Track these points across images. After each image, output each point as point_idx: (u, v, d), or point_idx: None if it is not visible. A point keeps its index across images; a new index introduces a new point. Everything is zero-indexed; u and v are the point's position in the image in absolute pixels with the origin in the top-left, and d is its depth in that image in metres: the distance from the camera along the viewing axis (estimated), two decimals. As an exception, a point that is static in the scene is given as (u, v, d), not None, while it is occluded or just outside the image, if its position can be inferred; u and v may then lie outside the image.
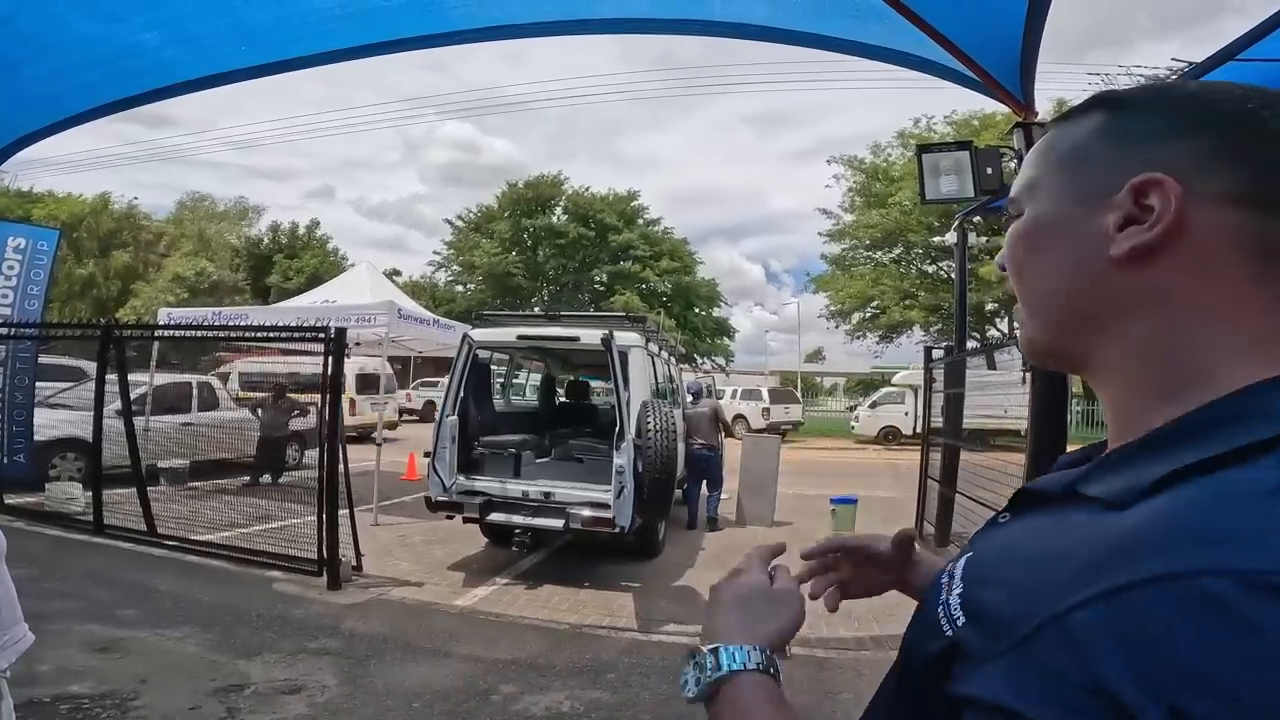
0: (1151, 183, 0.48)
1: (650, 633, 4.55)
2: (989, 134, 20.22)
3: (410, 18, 3.20)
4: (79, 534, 6.15)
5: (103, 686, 3.23)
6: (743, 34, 3.74)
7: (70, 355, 10.43)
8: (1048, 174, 0.55)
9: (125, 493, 6.31)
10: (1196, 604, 0.32)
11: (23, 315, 7.41)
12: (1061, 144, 0.55)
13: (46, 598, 4.23)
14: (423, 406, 22.86)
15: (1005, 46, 3.38)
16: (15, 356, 7.40)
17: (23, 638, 1.40)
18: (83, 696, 3.11)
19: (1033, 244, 0.56)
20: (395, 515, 7.65)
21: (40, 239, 7.79)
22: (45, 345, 8.35)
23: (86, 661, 3.49)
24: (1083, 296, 0.52)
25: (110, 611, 4.26)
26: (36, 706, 2.94)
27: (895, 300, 27.09)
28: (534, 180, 37.39)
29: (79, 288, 28.66)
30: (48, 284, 7.84)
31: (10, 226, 7.86)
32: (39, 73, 3.40)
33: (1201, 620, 0.32)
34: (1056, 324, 0.55)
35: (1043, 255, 0.55)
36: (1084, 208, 0.52)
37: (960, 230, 6.00)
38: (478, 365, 6.57)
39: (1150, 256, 0.48)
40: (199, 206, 36.81)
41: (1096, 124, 0.53)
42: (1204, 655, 0.32)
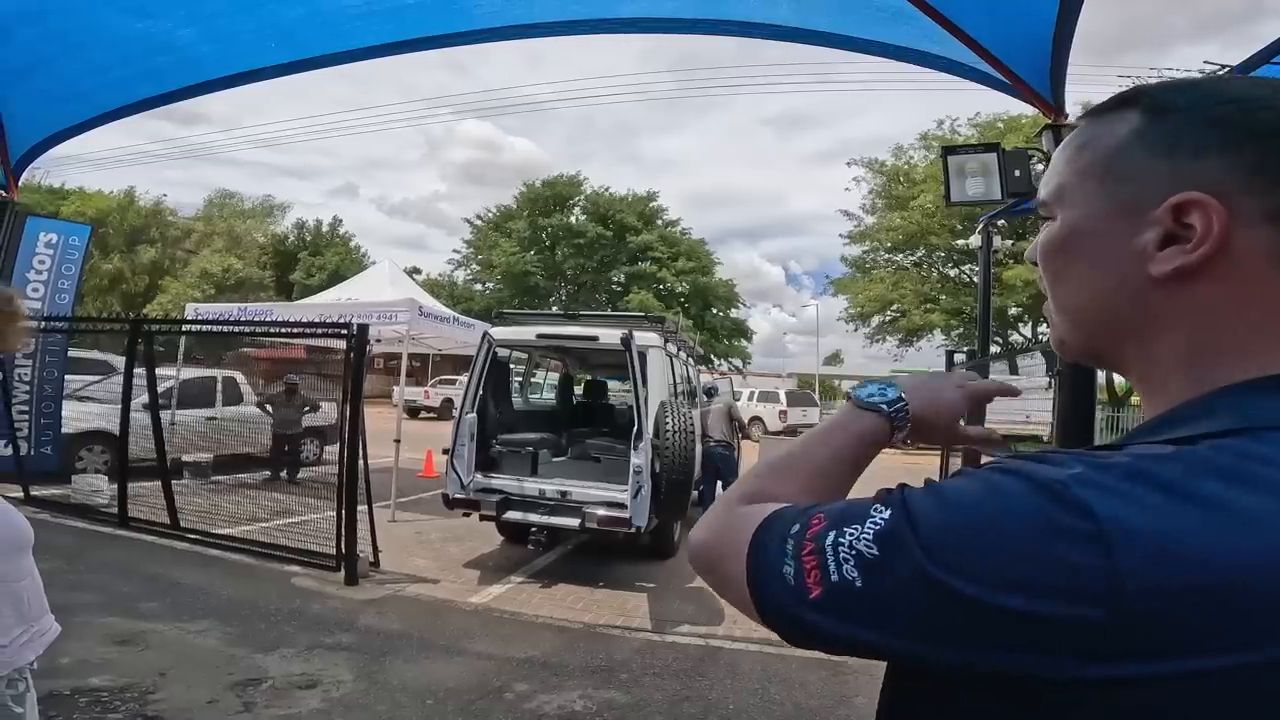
0: (1194, 203, 0.47)
1: (664, 633, 4.54)
2: (1014, 136, 19.94)
3: (434, 16, 3.22)
4: (104, 526, 6.24)
5: (123, 679, 3.27)
6: (767, 34, 3.72)
7: (99, 349, 10.64)
8: (1080, 178, 0.55)
9: (150, 486, 6.40)
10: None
11: (53, 309, 7.54)
12: (1093, 147, 0.54)
13: (70, 589, 4.30)
14: (441, 404, 23.03)
15: (1035, 48, 3.33)
16: (45, 349, 7.54)
17: (50, 630, 1.40)
18: (102, 689, 3.15)
19: (1066, 252, 0.55)
20: (413, 512, 7.71)
21: (72, 234, 7.92)
22: (75, 339, 8.51)
23: (107, 654, 3.54)
24: (1118, 307, 0.52)
25: (132, 604, 4.32)
26: (57, 699, 2.97)
27: (916, 303, 26.80)
28: (552, 180, 37.53)
29: (107, 283, 29.24)
30: (78, 279, 7.98)
31: (42, 222, 7.99)
32: (71, 70, 3.47)
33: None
34: (1089, 329, 0.56)
35: (1076, 263, 0.55)
36: (1120, 220, 0.51)
37: (985, 233, 5.91)
38: (497, 363, 6.59)
39: (1190, 276, 0.48)
40: (227, 204, 37.43)
41: (1132, 129, 0.52)
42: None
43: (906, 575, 0.44)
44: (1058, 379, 3.49)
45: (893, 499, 0.48)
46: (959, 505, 0.45)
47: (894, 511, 0.47)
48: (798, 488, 0.63)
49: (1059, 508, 0.41)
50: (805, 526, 0.51)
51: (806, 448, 0.68)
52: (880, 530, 0.46)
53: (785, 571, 0.50)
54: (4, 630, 1.28)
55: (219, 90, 4.07)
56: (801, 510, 0.54)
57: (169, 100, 4.23)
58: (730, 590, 0.56)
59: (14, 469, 6.79)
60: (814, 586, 0.48)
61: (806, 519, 0.51)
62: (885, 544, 0.46)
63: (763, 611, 0.52)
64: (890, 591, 0.45)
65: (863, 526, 0.47)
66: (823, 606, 0.47)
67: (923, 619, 0.44)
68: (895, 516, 0.47)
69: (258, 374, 14.34)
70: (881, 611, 0.45)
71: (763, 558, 0.52)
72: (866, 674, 3.82)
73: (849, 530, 0.48)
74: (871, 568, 0.46)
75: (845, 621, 0.47)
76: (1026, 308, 25.18)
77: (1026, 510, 0.42)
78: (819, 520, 0.50)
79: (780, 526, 0.53)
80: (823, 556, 0.48)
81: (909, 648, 0.45)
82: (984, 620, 0.42)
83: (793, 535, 0.51)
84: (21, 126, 4.35)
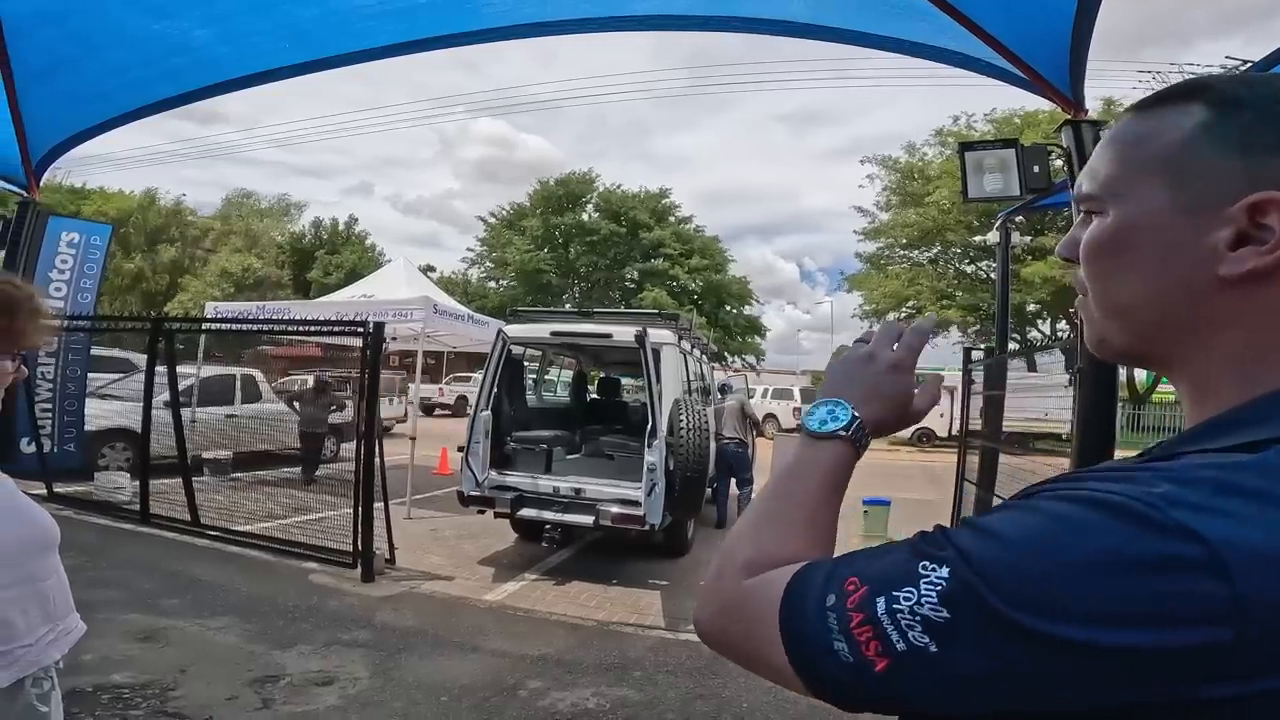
0: (1272, 203, 0.46)
1: (677, 631, 4.53)
2: (1032, 132, 19.70)
3: (446, 15, 3.23)
4: (126, 523, 6.32)
5: (144, 676, 3.31)
6: (781, 31, 3.70)
7: (120, 347, 10.78)
8: (1137, 173, 0.52)
9: (171, 483, 6.47)
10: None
11: (75, 308, 7.64)
12: (1152, 141, 0.52)
13: (93, 586, 4.36)
14: (455, 401, 23.15)
15: (1054, 44, 3.29)
16: (68, 348, 7.65)
17: (75, 628, 1.41)
18: (124, 686, 3.19)
19: (1119, 249, 0.53)
20: (428, 509, 7.75)
21: (93, 234, 8.02)
22: (97, 337, 8.63)
23: (129, 651, 3.58)
24: (1175, 307, 0.51)
25: (154, 600, 4.38)
26: (79, 696, 3.01)
27: (932, 300, 26.57)
28: (565, 178, 37.61)
29: (129, 282, 29.65)
30: (100, 278, 8.08)
31: (64, 221, 8.08)
32: (91, 70, 3.52)
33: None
34: (1139, 329, 0.54)
35: (1130, 262, 0.52)
36: (1185, 218, 0.49)
37: (1003, 230, 5.83)
38: (511, 361, 6.61)
39: (1262, 278, 0.47)
40: (244, 203, 37.84)
41: (1198, 123, 0.50)
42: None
43: (994, 632, 0.42)
44: (1078, 376, 3.44)
45: (945, 554, 0.46)
46: (1032, 545, 0.43)
47: (953, 567, 0.44)
48: (796, 543, 0.60)
49: (1159, 535, 0.39)
50: (842, 595, 0.48)
51: (788, 495, 0.64)
52: (945, 591, 0.44)
53: (838, 649, 0.47)
54: (30, 629, 1.28)
55: (236, 90, 4.12)
56: (826, 576, 0.51)
57: (187, 100, 4.29)
58: (764, 670, 0.54)
59: (38, 466, 6.90)
60: (877, 659, 0.45)
61: (839, 586, 0.49)
62: (956, 604, 0.43)
63: (817, 692, 0.50)
64: (975, 651, 0.42)
65: (918, 589, 0.45)
66: (892, 679, 0.45)
67: (1025, 672, 0.42)
68: (957, 573, 0.44)
69: (275, 372, 14.49)
70: (968, 673, 0.43)
71: (802, 638, 0.50)
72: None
73: (901, 595, 0.45)
74: (945, 631, 0.43)
75: (923, 689, 0.45)
76: (1045, 304, 24.92)
77: (1121, 542, 0.40)
78: (854, 585, 0.48)
79: (810, 599, 0.50)
80: (879, 627, 0.45)
81: (1011, 703, 0.43)
82: (1104, 661, 0.40)
83: (831, 608, 0.48)
84: (42, 127, 4.42)
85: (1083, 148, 3.54)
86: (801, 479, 0.65)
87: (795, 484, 0.65)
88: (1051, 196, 4.32)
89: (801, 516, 0.62)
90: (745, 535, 0.62)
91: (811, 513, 0.63)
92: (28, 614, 1.28)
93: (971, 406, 7.25)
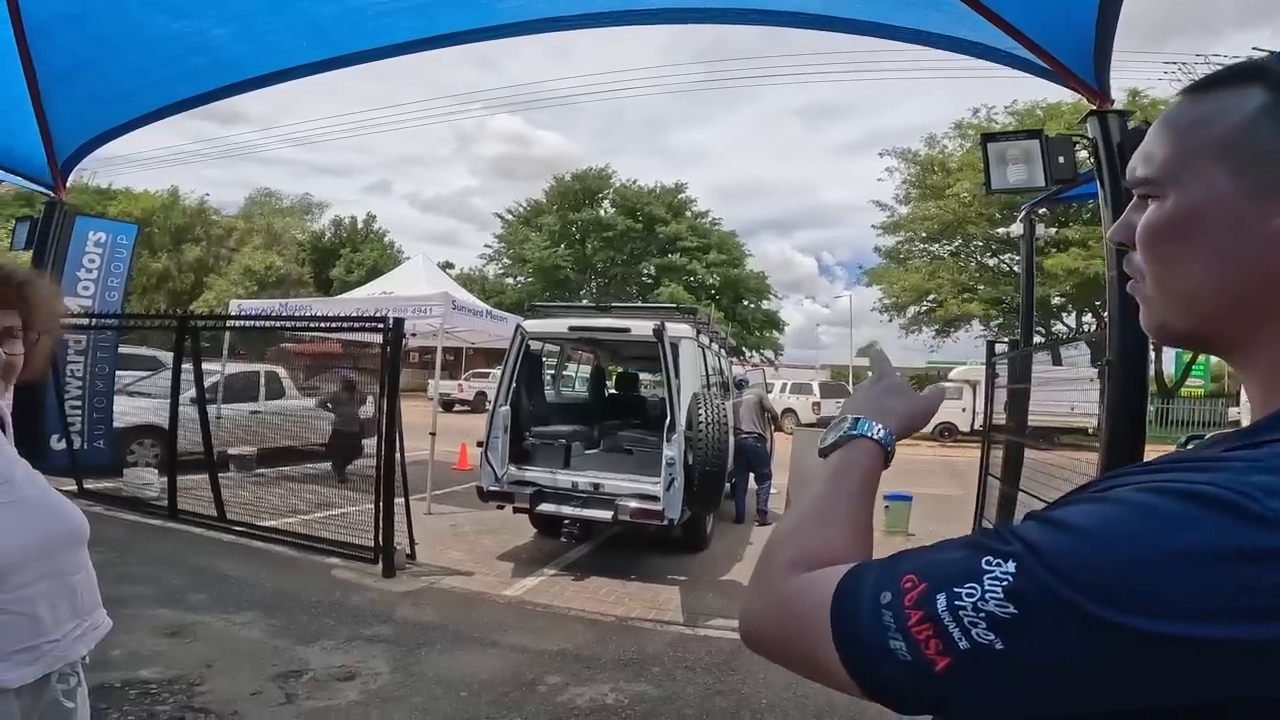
0: None
1: (696, 627, 4.52)
2: (1054, 124, 19.34)
3: (461, 11, 3.22)
4: (154, 519, 6.43)
5: (171, 671, 3.35)
6: (798, 23, 3.65)
7: (148, 345, 10.97)
8: (1196, 157, 0.51)
9: (198, 479, 6.55)
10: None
11: (103, 306, 7.79)
12: (1211, 123, 0.51)
13: (122, 581, 4.44)
14: (474, 397, 23.30)
15: (1077, 33, 3.23)
16: (96, 346, 7.80)
17: (101, 624, 1.41)
18: (151, 681, 3.24)
19: (1181, 234, 0.52)
20: (448, 504, 7.81)
21: (119, 233, 8.17)
22: (124, 335, 8.78)
23: (157, 646, 3.64)
24: (1245, 293, 0.50)
25: (181, 596, 4.45)
26: (107, 691, 3.05)
27: (953, 293, 26.27)
28: (581, 174, 37.65)
29: (155, 280, 30.17)
30: (127, 277, 8.22)
31: (91, 221, 8.24)
32: (113, 71, 3.57)
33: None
34: (1203, 313, 0.53)
35: (1194, 246, 0.51)
36: (1250, 201, 0.49)
37: (1027, 221, 5.73)
38: (530, 356, 6.63)
39: None
40: (266, 202, 38.35)
41: (1257, 106, 0.49)
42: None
43: (1069, 628, 0.41)
44: (1107, 368, 3.36)
45: (1010, 549, 0.44)
46: (1116, 538, 0.41)
47: (1020, 561, 0.43)
48: (841, 541, 0.59)
49: (1258, 527, 0.38)
50: (899, 593, 0.47)
51: (829, 496, 0.65)
52: (1012, 585, 0.42)
53: (895, 648, 0.46)
54: (58, 624, 1.28)
55: (255, 89, 4.16)
56: (880, 574, 0.50)
57: (207, 100, 4.34)
58: (814, 672, 0.52)
59: (68, 463, 7.04)
60: (938, 658, 0.44)
61: (895, 584, 0.48)
62: (1024, 599, 0.42)
63: (873, 694, 0.48)
64: (1047, 648, 0.41)
65: (981, 585, 0.44)
66: (956, 678, 0.44)
67: (1102, 669, 0.40)
68: (1026, 566, 0.43)
69: (298, 368, 14.67)
70: (1037, 671, 0.42)
71: (856, 638, 0.48)
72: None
73: (963, 591, 0.44)
74: (1012, 627, 0.42)
75: (987, 689, 0.43)
76: (1069, 297, 24.51)
77: (1217, 534, 0.39)
78: (911, 582, 0.47)
79: (864, 597, 0.49)
80: (939, 624, 0.44)
81: (1083, 702, 0.42)
82: (1198, 657, 0.39)
83: (887, 606, 0.47)
84: (67, 128, 4.49)
85: (1109, 138, 3.48)
86: (841, 479, 0.66)
87: (835, 485, 0.66)
88: (1078, 188, 4.24)
89: (843, 516, 0.63)
90: (788, 536, 0.62)
91: (853, 512, 0.64)
92: (55, 609, 1.28)
93: (995, 400, 7.15)
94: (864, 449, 0.69)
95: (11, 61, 3.36)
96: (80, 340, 7.65)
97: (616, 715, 3.28)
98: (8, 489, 1.27)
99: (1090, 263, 20.72)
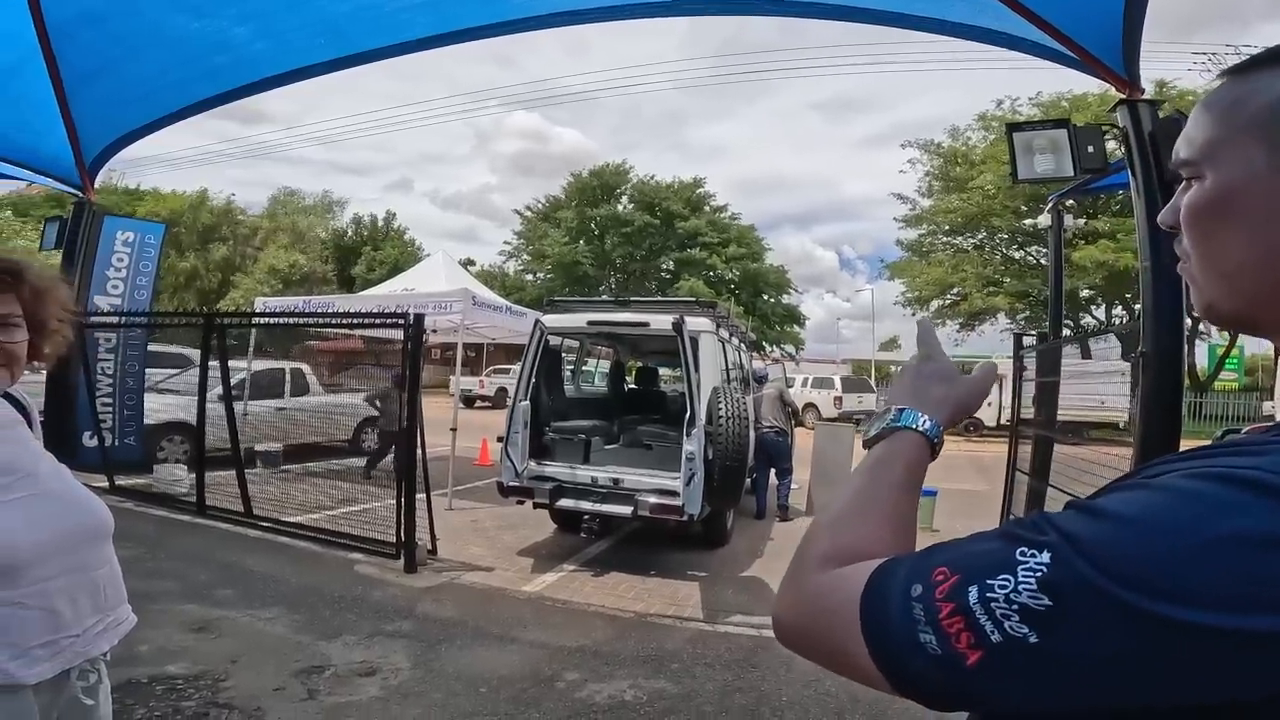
0: None
1: (716, 623, 4.49)
2: (1081, 115, 18.95)
3: (476, 6, 3.21)
4: (183, 514, 6.52)
5: (197, 667, 3.39)
6: (816, 14, 3.59)
7: (176, 343, 11.17)
8: (1235, 136, 0.51)
9: (225, 474, 6.64)
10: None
11: (132, 305, 7.93)
12: (1250, 104, 0.51)
13: (151, 577, 4.51)
14: (495, 393, 23.44)
15: (1105, 24, 3.15)
16: (126, 344, 7.95)
17: (125, 620, 1.40)
18: (178, 677, 3.27)
19: (1223, 213, 0.52)
20: (468, 500, 7.85)
21: (147, 233, 8.31)
22: (154, 334, 8.94)
23: (184, 641, 3.68)
24: None
25: (208, 591, 4.51)
26: (134, 687, 3.09)
27: (978, 286, 25.87)
28: (599, 169, 37.65)
29: (183, 279, 30.74)
30: (155, 275, 8.36)
31: (119, 221, 8.37)
32: (136, 72, 3.61)
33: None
34: (1246, 293, 0.52)
35: (1233, 224, 0.51)
36: None
37: (1055, 212, 5.60)
38: (549, 351, 6.62)
39: None
40: (289, 201, 38.87)
41: None
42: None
43: (1107, 619, 0.39)
44: (1141, 361, 3.27)
45: (1046, 539, 0.43)
46: (1160, 525, 0.40)
47: (1055, 552, 0.42)
48: (877, 535, 0.58)
49: None
50: (930, 585, 0.46)
51: (869, 489, 0.64)
52: (1046, 576, 0.41)
53: (925, 641, 0.44)
54: (78, 619, 1.27)
55: (275, 88, 4.19)
56: (912, 567, 0.49)
57: (229, 99, 4.38)
58: (844, 667, 0.52)
59: (99, 459, 7.18)
60: (969, 652, 0.43)
61: (926, 576, 0.46)
62: (1059, 590, 0.40)
63: (903, 689, 0.47)
64: (1083, 641, 0.40)
65: (1015, 576, 0.42)
66: (986, 673, 0.42)
67: (1143, 663, 0.39)
68: (1061, 556, 0.41)
69: (322, 365, 14.84)
70: (1072, 665, 0.40)
71: (885, 631, 0.47)
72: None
73: (995, 583, 0.42)
74: (1046, 620, 0.41)
75: (1020, 684, 0.42)
76: (1098, 289, 24.02)
77: (1264, 519, 0.37)
78: (943, 575, 0.46)
79: (894, 590, 0.48)
80: (971, 617, 0.43)
81: (1118, 697, 0.40)
82: (1251, 649, 0.37)
83: (918, 599, 0.46)
84: (93, 129, 4.56)
85: (1140, 127, 3.41)
86: (883, 471, 0.65)
87: (876, 478, 0.65)
88: (1107, 178, 4.14)
89: (883, 510, 0.62)
90: (823, 530, 0.61)
91: (894, 505, 0.63)
92: (76, 604, 1.27)
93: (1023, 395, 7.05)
94: (909, 440, 0.67)
95: (36, 62, 3.42)
96: (110, 339, 7.80)
97: (635, 712, 3.27)
98: (32, 482, 1.26)
99: (1120, 255, 20.30)
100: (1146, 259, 3.35)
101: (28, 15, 3.03)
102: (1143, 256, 3.42)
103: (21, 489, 1.24)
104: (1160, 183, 3.24)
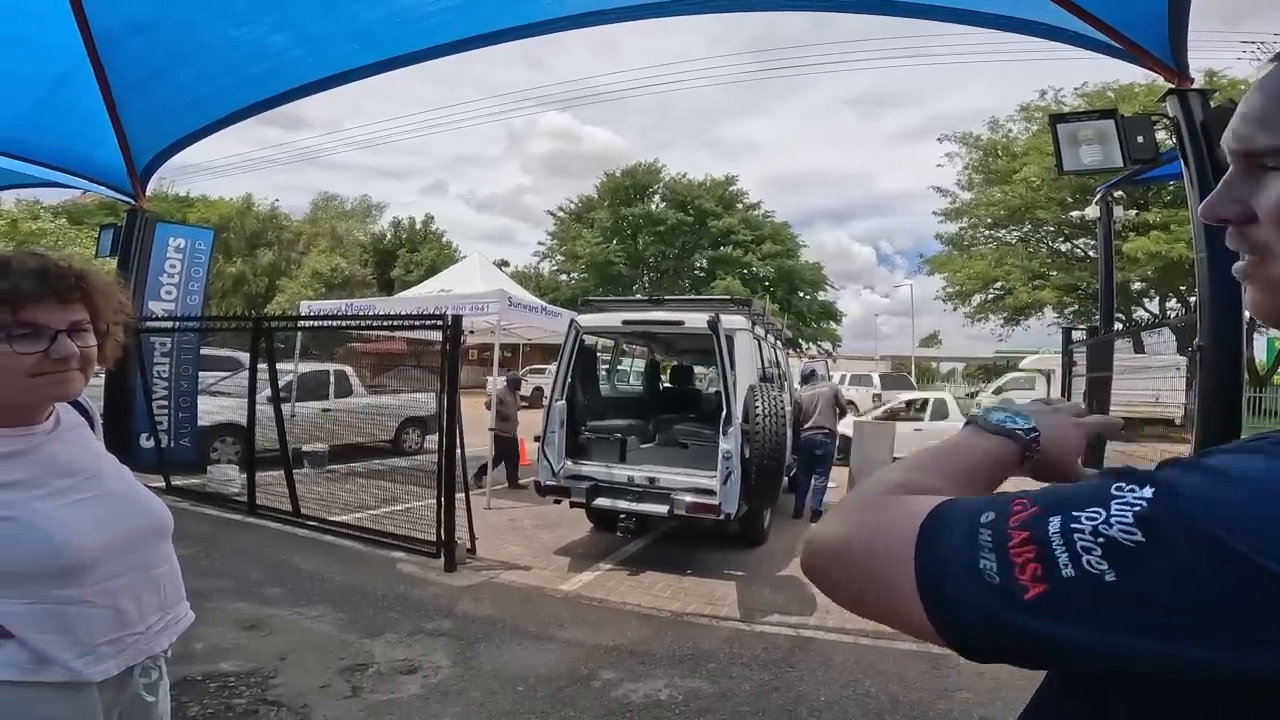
0: None
1: (752, 623, 4.47)
2: (1127, 105, 18.25)
3: (505, 7, 3.24)
4: (235, 514, 6.71)
5: (249, 665, 3.49)
6: (849, 7, 3.54)
7: (227, 347, 11.52)
8: None
9: (274, 475, 6.81)
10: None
11: (185, 310, 8.22)
12: None
13: (205, 576, 4.66)
14: (532, 393, 23.64)
15: (1150, 13, 3.05)
16: (180, 348, 8.24)
17: (184, 617, 1.42)
18: (230, 674, 3.37)
19: None
20: (506, 499, 7.94)
21: (198, 239, 8.59)
22: (206, 338, 9.24)
23: (236, 639, 3.80)
24: None
25: (259, 589, 4.64)
26: (190, 684, 3.19)
27: (1023, 280, 25.14)
28: (631, 169, 37.70)
29: (230, 285, 31.68)
30: (206, 280, 8.64)
31: (170, 228, 8.63)
32: (183, 79, 3.72)
33: None
34: None
35: None
36: None
37: (1104, 204, 5.42)
38: (584, 351, 6.65)
39: None
40: (330, 206, 39.78)
41: None
42: None
43: (1204, 563, 0.36)
44: (1199, 355, 3.15)
45: (1153, 476, 0.40)
46: (1265, 487, 0.37)
47: (1159, 490, 0.39)
48: (954, 485, 0.55)
49: None
50: (1005, 514, 0.43)
51: (951, 450, 0.62)
52: (1146, 511, 0.38)
53: (984, 567, 0.41)
54: (142, 616, 1.29)
55: (314, 94, 4.28)
56: (989, 499, 0.45)
57: (272, 105, 4.49)
58: (880, 596, 0.47)
59: (156, 460, 7.44)
60: (1030, 585, 0.39)
61: (1002, 505, 0.43)
62: (1158, 526, 0.38)
63: (940, 617, 0.43)
64: (1169, 582, 0.37)
65: (1107, 509, 0.39)
66: (1047, 609, 0.39)
67: (1241, 619, 0.36)
68: (1164, 496, 0.39)
69: (365, 367, 15.14)
70: (1158, 611, 0.37)
71: (938, 552, 0.44)
72: (973, 669, 3.60)
73: (1084, 515, 0.39)
74: (1135, 557, 0.38)
75: (1085, 626, 0.39)
76: (1150, 281, 23.14)
77: None
78: (1022, 506, 0.43)
79: (963, 513, 0.45)
80: (1046, 547, 0.40)
81: (1205, 654, 0.37)
82: None
83: (988, 524, 0.43)
84: (143, 137, 4.72)
85: (1192, 117, 3.29)
86: (965, 452, 0.63)
87: (954, 450, 0.63)
88: (1159, 169, 4.00)
89: (961, 469, 0.60)
90: (898, 469, 0.59)
91: (972, 471, 0.61)
92: (140, 601, 1.30)
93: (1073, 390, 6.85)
94: (999, 440, 0.64)
95: (85, 71, 3.55)
96: (165, 343, 8.09)
97: (671, 711, 3.26)
98: (95, 483, 1.29)
99: (1173, 246, 19.52)
100: (1202, 250, 3.23)
101: (74, 25, 3.16)
102: (1198, 247, 3.30)
103: (87, 490, 1.27)
104: (1215, 173, 3.12)
